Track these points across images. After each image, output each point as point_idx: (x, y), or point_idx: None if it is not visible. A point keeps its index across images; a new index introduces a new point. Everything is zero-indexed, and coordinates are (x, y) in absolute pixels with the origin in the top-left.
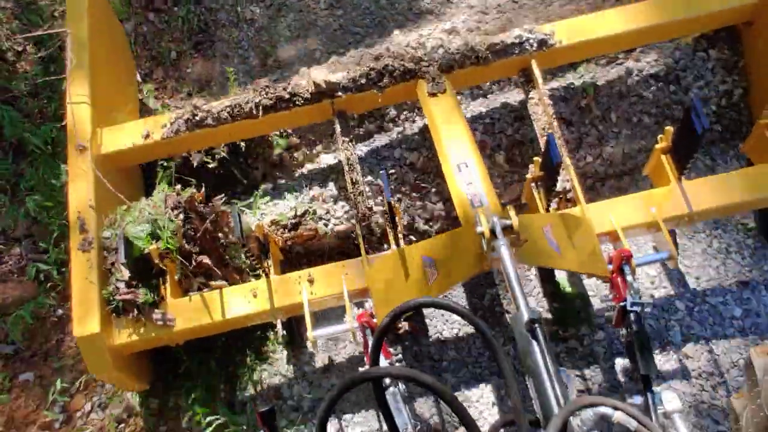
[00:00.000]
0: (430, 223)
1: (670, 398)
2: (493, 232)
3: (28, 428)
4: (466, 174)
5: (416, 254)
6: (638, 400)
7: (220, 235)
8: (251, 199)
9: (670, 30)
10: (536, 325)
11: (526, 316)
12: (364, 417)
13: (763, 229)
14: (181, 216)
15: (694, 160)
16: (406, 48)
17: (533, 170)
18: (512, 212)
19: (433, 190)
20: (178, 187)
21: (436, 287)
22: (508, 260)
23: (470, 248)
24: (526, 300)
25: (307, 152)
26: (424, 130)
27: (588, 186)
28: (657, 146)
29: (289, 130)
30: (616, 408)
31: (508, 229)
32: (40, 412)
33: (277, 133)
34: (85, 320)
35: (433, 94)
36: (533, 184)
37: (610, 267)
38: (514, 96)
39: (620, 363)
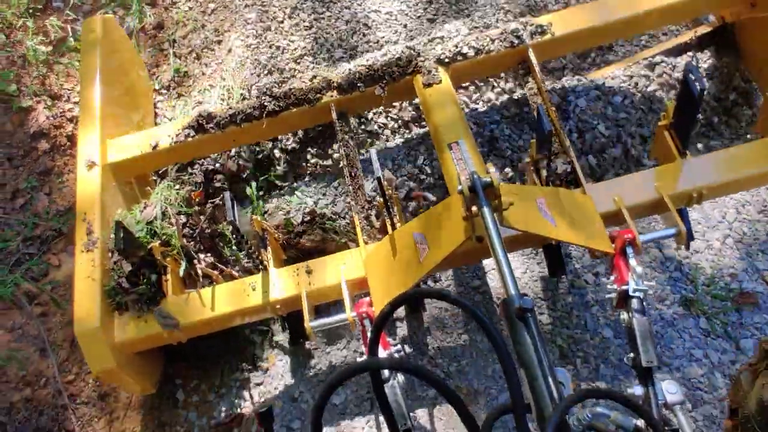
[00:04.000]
0: None
1: (672, 389)
2: (474, 191)
3: None
4: (456, 151)
5: (408, 233)
6: (638, 390)
7: (216, 229)
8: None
9: (669, 14)
10: (528, 314)
11: (516, 303)
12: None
13: None
14: (182, 217)
15: (695, 128)
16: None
17: (530, 153)
18: (492, 169)
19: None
20: (177, 186)
21: (427, 263)
22: (490, 221)
23: (456, 215)
24: (515, 279)
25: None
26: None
27: None
28: (660, 123)
29: None
30: (614, 398)
31: (489, 188)
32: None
33: None
34: (86, 316)
35: (428, 85)
36: (532, 168)
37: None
38: None
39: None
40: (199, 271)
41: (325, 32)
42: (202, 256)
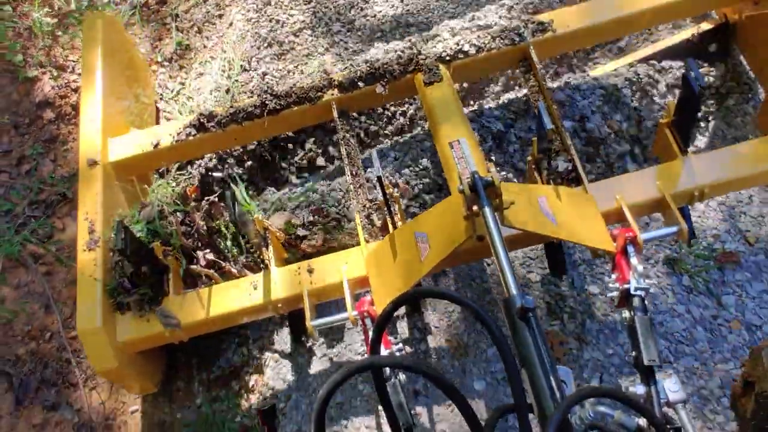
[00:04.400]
0: None
1: (674, 388)
2: (474, 190)
3: None
4: (457, 150)
5: (409, 232)
6: (640, 389)
7: (214, 226)
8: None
9: (672, 12)
10: (530, 314)
11: (518, 303)
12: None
13: None
14: (179, 215)
15: (696, 127)
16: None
17: (532, 151)
18: (493, 169)
19: None
20: (173, 183)
21: (428, 262)
22: (491, 220)
23: (457, 214)
24: (516, 280)
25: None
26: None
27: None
28: (661, 121)
29: None
30: (618, 397)
31: (489, 187)
32: None
33: None
34: (88, 315)
35: (429, 83)
36: (533, 166)
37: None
38: None
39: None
40: (199, 271)
41: (323, 6)
42: (201, 253)
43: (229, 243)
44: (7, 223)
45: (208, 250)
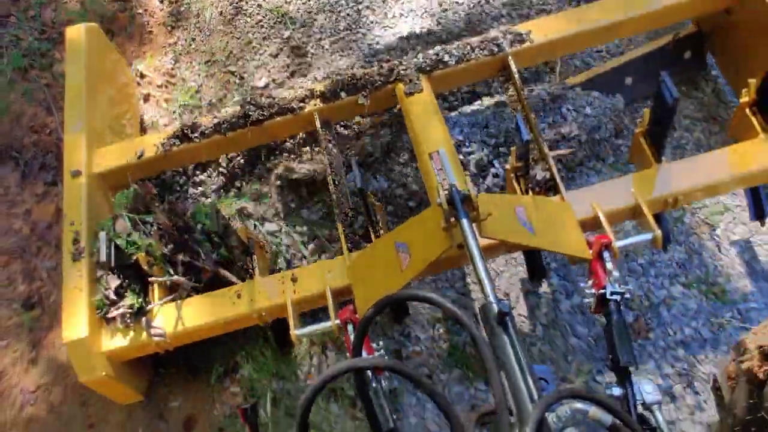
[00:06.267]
0: None
1: (649, 390)
2: (452, 203)
3: None
4: (436, 161)
5: (390, 242)
6: (617, 391)
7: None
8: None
9: (648, 21)
10: (507, 318)
11: (495, 309)
12: None
13: (756, 214)
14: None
15: (669, 137)
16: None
17: (511, 161)
18: (470, 183)
19: None
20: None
21: (408, 272)
22: (469, 232)
23: (435, 225)
24: (494, 286)
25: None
26: None
27: None
28: (636, 130)
29: None
30: (593, 400)
31: (467, 201)
32: None
33: None
34: (74, 325)
35: (410, 94)
36: (513, 175)
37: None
38: None
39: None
40: (166, 282)
41: None
42: (179, 258)
43: (200, 239)
44: (15, 49)
45: (181, 255)
